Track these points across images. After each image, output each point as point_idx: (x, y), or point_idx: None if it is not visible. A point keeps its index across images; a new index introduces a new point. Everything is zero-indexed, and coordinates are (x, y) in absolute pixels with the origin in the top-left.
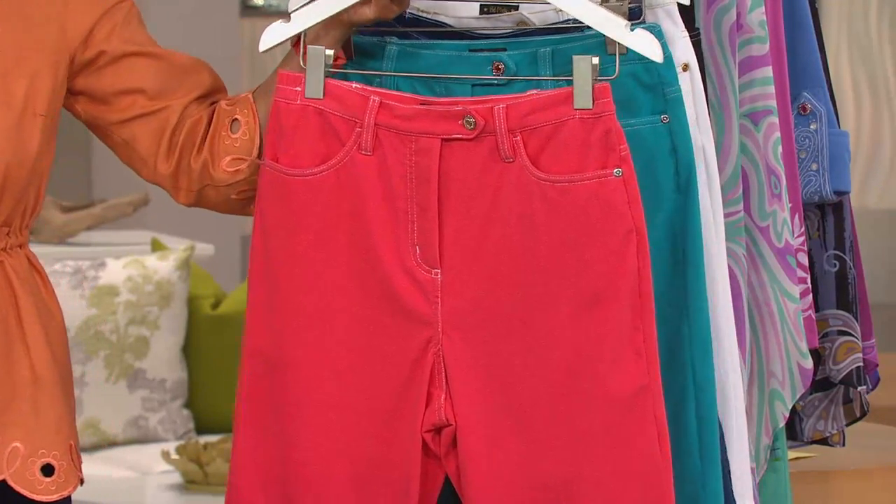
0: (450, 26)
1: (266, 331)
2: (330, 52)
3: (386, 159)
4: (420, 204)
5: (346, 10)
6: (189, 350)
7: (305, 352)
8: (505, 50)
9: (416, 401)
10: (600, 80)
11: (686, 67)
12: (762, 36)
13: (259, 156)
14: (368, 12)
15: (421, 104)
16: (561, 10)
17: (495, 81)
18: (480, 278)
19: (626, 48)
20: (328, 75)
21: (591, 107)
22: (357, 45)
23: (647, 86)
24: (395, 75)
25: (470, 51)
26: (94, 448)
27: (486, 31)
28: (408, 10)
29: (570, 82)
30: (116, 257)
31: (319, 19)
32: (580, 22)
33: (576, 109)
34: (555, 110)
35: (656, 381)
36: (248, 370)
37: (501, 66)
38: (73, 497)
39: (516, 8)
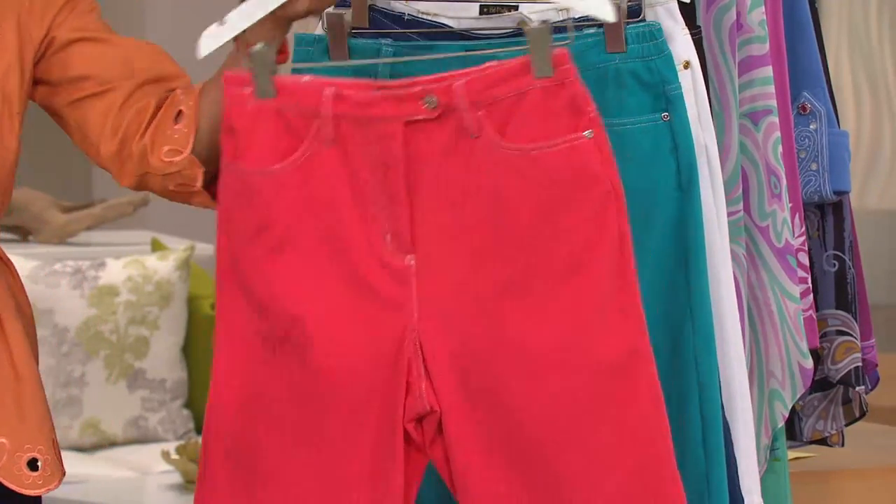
0: (449, 27)
1: (239, 330)
2: (273, 50)
3: (348, 149)
4: (387, 191)
5: (280, 7)
6: (189, 350)
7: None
8: (503, 50)
9: (395, 392)
10: (556, 47)
11: (687, 65)
12: (762, 35)
13: (193, 151)
14: (300, 6)
15: (378, 89)
16: (561, 10)
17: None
18: (456, 260)
19: (626, 47)
20: (274, 73)
21: (551, 75)
22: (352, 47)
23: (648, 84)
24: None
25: (466, 52)
26: (94, 448)
27: (486, 31)
28: (407, 12)
29: (527, 51)
30: (116, 257)
31: (254, 19)
32: (580, 21)
33: (536, 79)
34: (516, 81)
35: (646, 343)
36: (223, 364)
37: None
38: (73, 497)
39: (516, 8)
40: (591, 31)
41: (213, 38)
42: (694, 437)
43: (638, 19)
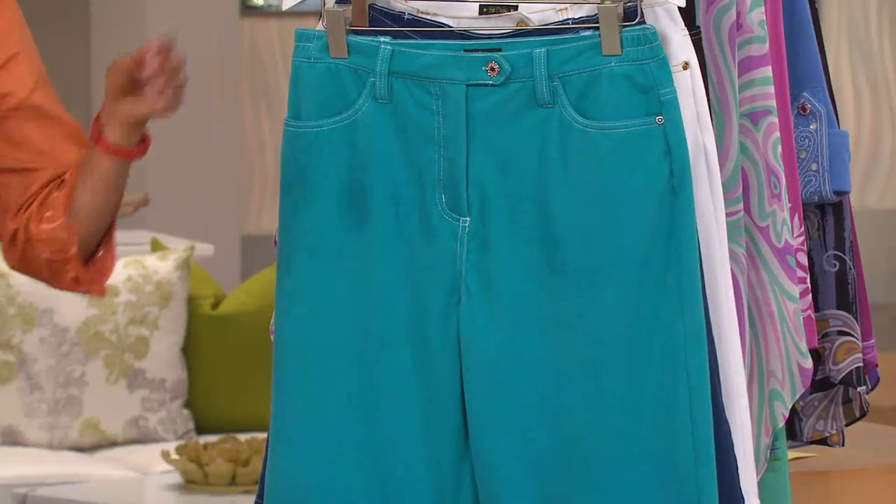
0: (449, 27)
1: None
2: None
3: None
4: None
5: None
6: (189, 350)
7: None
8: (500, 50)
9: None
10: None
11: (686, 66)
12: (762, 36)
13: (70, 215)
14: None
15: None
16: (560, 10)
17: (490, 82)
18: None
19: (621, 49)
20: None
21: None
22: (351, 44)
23: (642, 87)
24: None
25: (465, 51)
26: (94, 448)
27: (486, 31)
28: (407, 12)
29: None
30: (116, 257)
31: None
32: (579, 21)
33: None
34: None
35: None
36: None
37: (496, 67)
38: (73, 497)
39: (516, 8)
40: (587, 33)
41: None
42: (683, 440)
43: (634, 22)
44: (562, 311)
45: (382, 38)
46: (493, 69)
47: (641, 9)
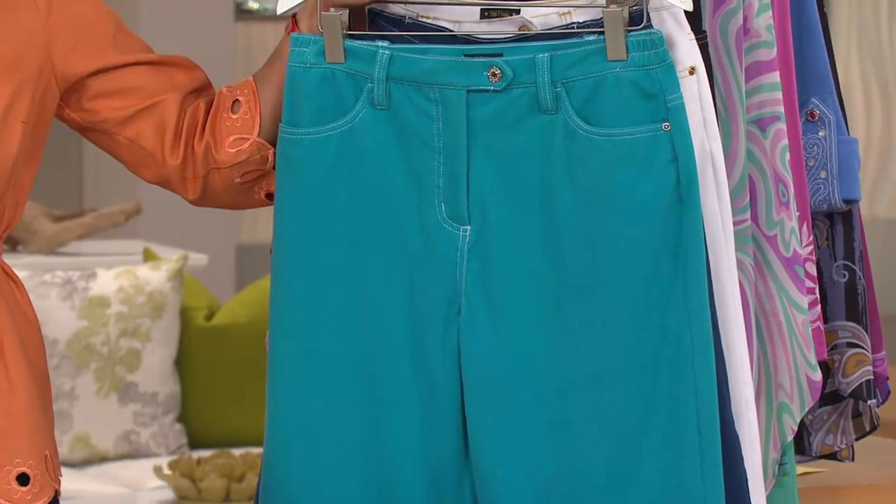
0: (450, 31)
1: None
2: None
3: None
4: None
5: None
6: (182, 363)
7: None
8: (501, 55)
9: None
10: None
11: (693, 71)
12: (769, 41)
13: (259, 134)
14: None
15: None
16: (563, 14)
17: (491, 87)
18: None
19: (627, 54)
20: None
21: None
22: (348, 49)
23: (648, 94)
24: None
25: (465, 56)
26: (85, 463)
27: (487, 35)
28: (407, 16)
29: (601, 35)
30: (108, 268)
31: None
32: (583, 26)
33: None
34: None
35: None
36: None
37: (498, 72)
38: None
39: (518, 12)
40: (592, 37)
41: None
42: (691, 455)
43: (640, 27)
44: (566, 323)
45: (380, 43)
46: (494, 74)
47: (648, 13)
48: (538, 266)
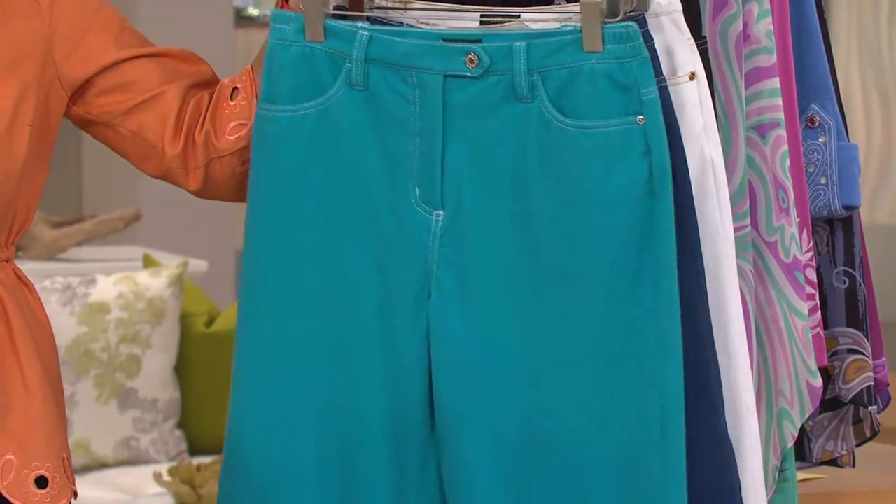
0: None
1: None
2: None
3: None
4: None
5: None
6: (182, 369)
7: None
8: (479, 42)
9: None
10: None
11: (693, 76)
12: (769, 46)
13: None
14: None
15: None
16: (563, 20)
17: (468, 73)
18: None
19: (603, 46)
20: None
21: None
22: (328, 28)
23: (623, 86)
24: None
25: (444, 41)
26: (85, 470)
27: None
28: (406, 23)
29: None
30: (107, 274)
31: None
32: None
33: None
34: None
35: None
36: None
37: (475, 59)
38: None
39: (518, 17)
40: (569, 28)
41: None
42: (651, 453)
43: (616, 19)
44: (538, 309)
45: (360, 24)
46: (471, 61)
47: (646, 18)
48: (510, 253)
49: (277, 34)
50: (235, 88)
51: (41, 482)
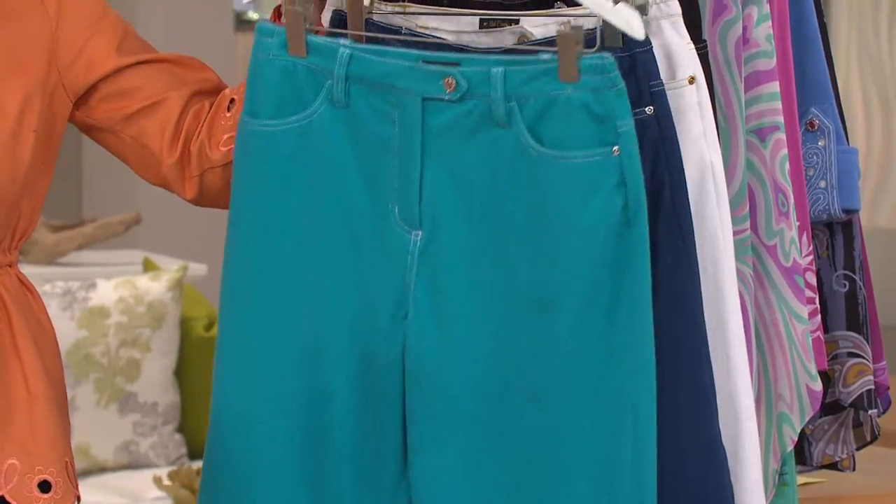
0: (447, 42)
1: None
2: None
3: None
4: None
5: None
6: (182, 373)
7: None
8: (458, 65)
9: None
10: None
11: (692, 80)
12: (769, 50)
13: None
14: None
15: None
16: (563, 24)
17: (446, 97)
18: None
19: (579, 76)
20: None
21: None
22: (311, 44)
23: (598, 117)
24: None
25: (423, 62)
26: (84, 474)
27: (484, 47)
28: (404, 26)
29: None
30: (107, 278)
31: None
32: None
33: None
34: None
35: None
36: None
37: (452, 83)
38: None
39: (517, 22)
40: (547, 56)
41: None
42: (623, 477)
43: (593, 50)
44: (511, 334)
45: (342, 41)
46: (448, 84)
47: (646, 21)
48: (485, 277)
49: (261, 48)
50: (232, 100)
51: (44, 486)
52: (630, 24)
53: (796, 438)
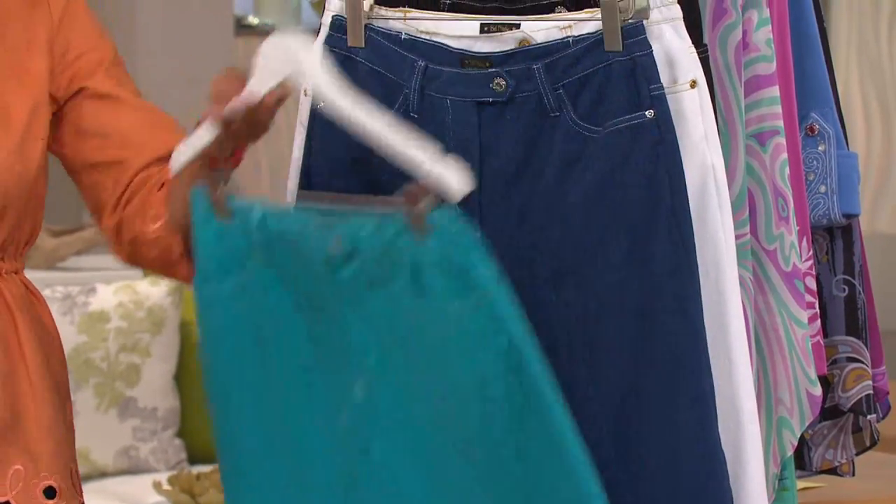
0: (447, 47)
1: None
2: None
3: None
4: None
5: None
6: (181, 378)
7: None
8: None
9: None
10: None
11: (694, 84)
12: (769, 55)
13: (165, 223)
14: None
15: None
16: (564, 28)
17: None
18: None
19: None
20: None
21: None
22: (232, 208)
23: (451, 273)
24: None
25: (321, 216)
26: (84, 479)
27: (484, 52)
28: (404, 31)
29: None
30: (107, 282)
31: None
32: (579, 40)
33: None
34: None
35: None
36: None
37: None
38: None
39: (518, 26)
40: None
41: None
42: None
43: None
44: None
45: (256, 203)
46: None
47: (644, 25)
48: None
49: (196, 211)
50: (164, 183)
51: (49, 493)
52: (447, 180)
53: (796, 443)
